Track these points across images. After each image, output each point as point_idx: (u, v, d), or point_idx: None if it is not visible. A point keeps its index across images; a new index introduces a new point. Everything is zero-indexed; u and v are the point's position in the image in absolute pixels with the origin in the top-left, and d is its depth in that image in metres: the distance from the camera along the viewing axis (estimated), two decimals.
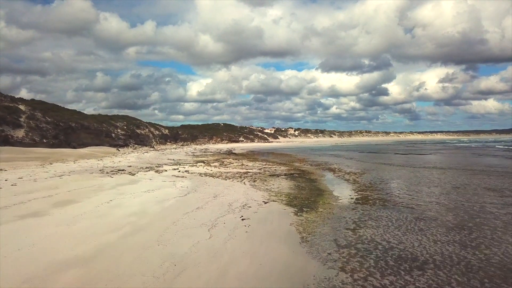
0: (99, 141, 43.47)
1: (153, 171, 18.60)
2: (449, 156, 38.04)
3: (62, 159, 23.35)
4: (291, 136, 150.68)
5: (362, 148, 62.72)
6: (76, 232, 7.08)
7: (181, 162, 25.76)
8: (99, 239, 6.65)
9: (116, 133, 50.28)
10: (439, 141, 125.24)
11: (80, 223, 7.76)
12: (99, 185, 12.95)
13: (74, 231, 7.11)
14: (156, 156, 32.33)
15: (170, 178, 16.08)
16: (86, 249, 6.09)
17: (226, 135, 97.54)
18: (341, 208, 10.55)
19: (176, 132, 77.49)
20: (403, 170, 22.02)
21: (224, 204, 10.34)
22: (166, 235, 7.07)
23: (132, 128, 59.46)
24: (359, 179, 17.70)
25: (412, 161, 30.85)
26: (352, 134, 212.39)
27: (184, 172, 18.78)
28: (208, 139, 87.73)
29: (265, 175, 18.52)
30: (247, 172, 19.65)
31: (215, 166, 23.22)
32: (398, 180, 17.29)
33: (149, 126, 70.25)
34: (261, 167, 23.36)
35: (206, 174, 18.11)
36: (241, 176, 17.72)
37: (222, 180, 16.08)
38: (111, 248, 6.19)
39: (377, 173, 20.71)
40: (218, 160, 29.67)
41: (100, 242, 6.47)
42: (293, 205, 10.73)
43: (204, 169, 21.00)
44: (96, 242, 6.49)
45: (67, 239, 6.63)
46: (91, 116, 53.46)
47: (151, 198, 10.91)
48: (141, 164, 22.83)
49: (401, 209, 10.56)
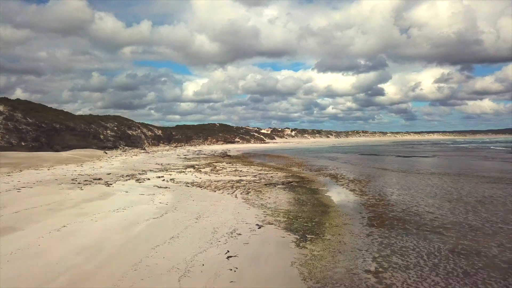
0: (86, 143, 41.19)
1: (133, 180, 16.46)
2: (454, 159, 36.15)
3: (36, 165, 21.14)
4: (288, 137, 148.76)
5: (361, 150, 60.82)
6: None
7: (169, 168, 23.62)
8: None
9: (105, 134, 47.98)
10: (437, 142, 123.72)
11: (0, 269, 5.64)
12: (61, 201, 10.81)
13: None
14: (144, 160, 30.16)
15: (151, 189, 13.96)
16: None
17: (222, 136, 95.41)
18: (353, 234, 8.50)
19: (169, 133, 75.21)
20: (411, 177, 20.03)
21: (207, 230, 8.25)
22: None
23: (123, 129, 57.18)
24: (366, 189, 15.68)
25: (417, 165, 28.90)
26: (349, 134, 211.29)
27: (168, 181, 16.65)
28: (203, 140, 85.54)
29: (260, 184, 16.45)
30: (240, 180, 17.57)
31: (206, 172, 21.11)
32: (410, 191, 15.28)
33: (142, 127, 67.99)
34: (256, 173, 21.29)
35: (194, 183, 16.00)
36: (233, 186, 15.63)
37: (211, 192, 13.98)
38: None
39: (384, 180, 18.70)
40: (210, 164, 27.56)
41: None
42: (294, 230, 8.67)
43: (192, 176, 18.88)
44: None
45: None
46: (79, 116, 51.15)
47: (117, 221, 8.80)
48: (123, 170, 20.67)
49: (427, 235, 8.52)
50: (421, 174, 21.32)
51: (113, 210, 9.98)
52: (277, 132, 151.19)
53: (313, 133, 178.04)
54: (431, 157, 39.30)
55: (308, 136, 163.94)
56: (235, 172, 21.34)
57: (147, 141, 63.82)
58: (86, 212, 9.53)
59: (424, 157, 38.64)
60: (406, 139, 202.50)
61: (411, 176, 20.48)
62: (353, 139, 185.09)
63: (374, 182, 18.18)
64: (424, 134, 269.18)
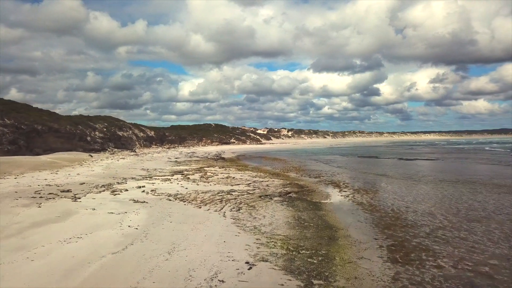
0: (71, 145, 38.86)
1: (108, 192, 14.28)
2: (461, 163, 34.23)
3: (4, 173, 18.89)
4: (284, 137, 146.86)
5: (360, 151, 58.87)
6: None
7: (155, 174, 21.44)
8: None
9: (93, 136, 45.64)
10: (435, 142, 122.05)
11: None
12: (1, 226, 8.63)
13: None
14: (130, 164, 27.95)
15: (125, 205, 11.81)
16: None
17: (217, 137, 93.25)
18: (373, 277, 6.42)
19: (162, 133, 72.92)
20: (423, 186, 18.02)
21: (179, 275, 6.12)
22: None
23: (113, 130, 54.85)
24: (375, 202, 13.64)
25: (423, 170, 26.94)
26: (345, 134, 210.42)
27: (149, 192, 14.49)
28: (197, 141, 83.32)
29: (254, 196, 14.34)
30: (231, 191, 15.46)
31: (194, 180, 18.97)
32: (426, 205, 13.24)
33: (133, 127, 65.70)
34: (250, 180, 19.20)
35: (177, 196, 13.85)
36: (222, 199, 13.50)
37: (195, 208, 11.85)
38: None
39: (393, 190, 16.67)
40: (201, 169, 25.41)
41: None
42: (296, 271, 6.57)
43: (178, 186, 16.74)
44: None
45: None
46: (66, 117, 48.76)
47: (62, 259, 6.65)
48: (101, 178, 18.46)
49: (473, 280, 6.46)
50: (432, 183, 19.28)
51: (65, 239, 7.82)
52: (274, 133, 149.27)
53: (310, 133, 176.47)
54: (435, 160, 37.39)
55: (305, 137, 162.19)
56: (227, 180, 19.22)
57: (139, 142, 61.51)
58: (26, 244, 7.36)
59: (427, 160, 36.70)
60: (403, 139, 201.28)
61: (421, 185, 18.46)
62: (350, 139, 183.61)
63: (382, 192, 16.13)
64: (421, 134, 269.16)
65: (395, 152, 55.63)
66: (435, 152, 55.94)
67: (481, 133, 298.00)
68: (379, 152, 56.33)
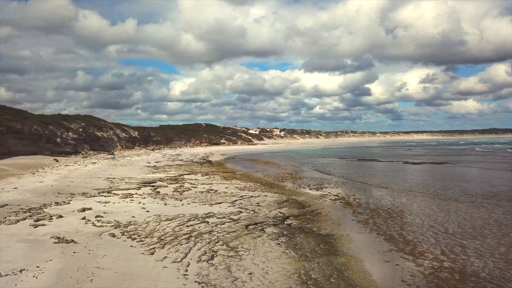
0: (36, 148, 34.25)
1: (31, 220, 10.01)
2: (478, 168, 30.53)
3: None
4: (277, 137, 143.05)
5: (357, 153, 55.13)
6: None
7: (117, 186, 17.14)
8: None
9: (65, 137, 40.97)
10: (430, 142, 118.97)
11: None
12: None
13: None
14: (96, 172, 23.57)
15: (34, 251, 7.60)
16: None
17: (206, 137, 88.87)
18: None
19: (147, 134, 68.35)
20: (460, 205, 14.07)
21: None
22: None
23: (91, 130, 50.18)
24: (410, 235, 9.66)
25: (441, 179, 23.12)
26: (338, 134, 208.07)
27: (90, 221, 10.24)
28: (185, 141, 78.87)
29: (238, 225, 10.22)
30: (209, 215, 11.32)
31: (164, 196, 14.75)
32: (489, 241, 9.28)
33: (115, 127, 61.07)
34: (236, 195, 15.08)
35: (128, 226, 9.65)
36: (192, 233, 9.33)
37: (145, 254, 7.66)
38: None
39: (423, 211, 12.70)
40: (180, 178, 21.18)
41: None
42: None
43: (139, 206, 12.52)
44: None
45: None
46: (36, 116, 43.95)
47: None
48: (39, 196, 14.11)
49: None
50: (467, 201, 15.28)
51: None
52: (266, 133, 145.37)
53: (303, 133, 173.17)
54: (445, 164, 33.67)
55: (298, 137, 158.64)
56: (207, 195, 15.06)
57: (120, 143, 56.90)
58: None
59: (436, 165, 32.93)
60: (396, 139, 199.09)
61: (455, 203, 14.49)
62: (343, 139, 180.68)
63: (410, 216, 12.14)
64: (413, 134, 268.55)
65: (395, 154, 52.05)
66: (438, 153, 52.46)
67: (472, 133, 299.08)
68: (378, 154, 52.69)
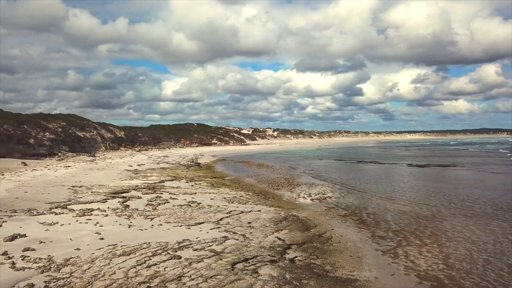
0: (5, 150, 30.98)
1: None
2: (495, 174, 28.03)
3: None
4: (270, 137, 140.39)
5: (354, 154, 52.57)
6: None
7: (78, 199, 14.07)
8: None
9: (40, 137, 37.59)
10: (424, 142, 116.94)
11: None
12: None
13: None
14: (65, 178, 20.46)
15: None
16: None
17: (197, 137, 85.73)
18: None
19: (134, 134, 65.02)
20: (504, 225, 11.40)
21: None
22: None
23: (71, 130, 46.80)
24: (463, 278, 6.87)
25: (464, 188, 20.49)
26: (331, 134, 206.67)
27: (2, 264, 7.26)
28: (174, 142, 75.66)
29: (222, 263, 7.30)
30: (182, 243, 8.40)
31: (132, 213, 11.76)
32: None
33: (100, 127, 57.69)
34: (222, 212, 12.18)
35: (59, 272, 6.69)
36: (152, 280, 6.40)
37: None
38: None
39: (460, 233, 9.93)
40: (159, 185, 18.20)
41: None
42: None
43: (93, 230, 9.52)
44: None
45: None
46: (10, 114, 40.62)
47: None
48: None
49: None
50: (508, 219, 12.64)
51: None
52: (259, 133, 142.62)
53: (296, 133, 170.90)
54: (454, 167, 31.13)
55: (291, 137, 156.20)
56: (186, 211, 12.12)
57: (104, 144, 53.51)
58: None
59: (446, 168, 30.35)
60: (389, 139, 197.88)
61: (496, 222, 11.80)
62: (337, 139, 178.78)
63: (449, 242, 9.35)
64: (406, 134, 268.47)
65: (394, 155, 49.59)
66: (439, 155, 50.11)
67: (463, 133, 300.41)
68: (376, 155, 50.16)
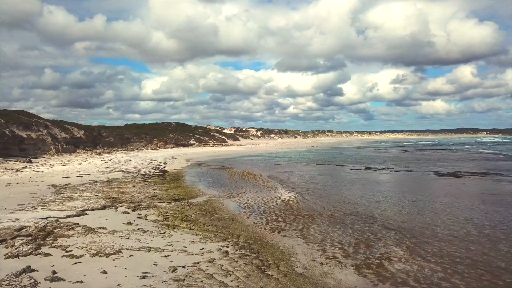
0: None
1: None
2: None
3: None
4: (253, 137, 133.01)
5: (353, 157, 45.73)
6: None
7: None
8: None
9: None
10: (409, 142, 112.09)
11: None
12: None
13: None
14: None
15: None
16: None
17: (173, 137, 77.35)
18: None
19: (97, 134, 56.19)
20: None
21: None
22: None
23: (10, 129, 37.96)
24: None
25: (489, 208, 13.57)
26: (315, 134, 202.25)
27: None
28: (146, 142, 67.14)
29: None
30: None
31: None
32: None
33: (53, 126, 48.77)
34: None
35: None
36: None
37: None
38: None
39: None
40: (65, 225, 10.48)
41: None
42: None
43: None
44: None
45: None
46: None
47: None
48: None
49: None
50: None
51: None
52: (241, 132, 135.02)
53: (280, 133, 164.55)
54: (482, 176, 24.53)
55: (275, 137, 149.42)
56: None
57: (56, 146, 44.64)
58: None
59: (487, 178, 23.70)
60: (374, 139, 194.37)
61: None
62: (322, 139, 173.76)
63: None
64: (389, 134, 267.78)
65: (400, 159, 43.04)
66: (447, 157, 43.91)
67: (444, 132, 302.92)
68: (380, 159, 43.44)
